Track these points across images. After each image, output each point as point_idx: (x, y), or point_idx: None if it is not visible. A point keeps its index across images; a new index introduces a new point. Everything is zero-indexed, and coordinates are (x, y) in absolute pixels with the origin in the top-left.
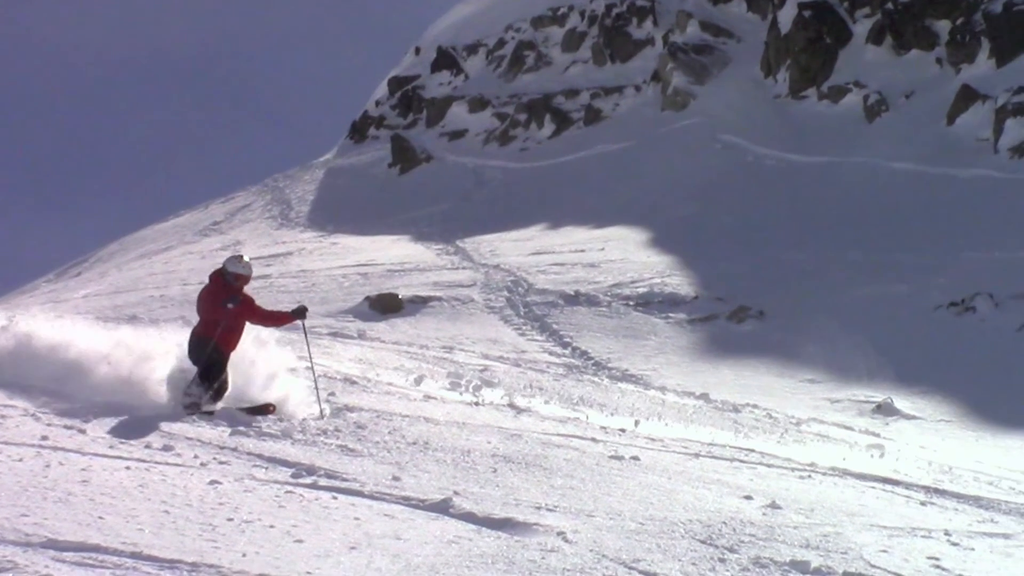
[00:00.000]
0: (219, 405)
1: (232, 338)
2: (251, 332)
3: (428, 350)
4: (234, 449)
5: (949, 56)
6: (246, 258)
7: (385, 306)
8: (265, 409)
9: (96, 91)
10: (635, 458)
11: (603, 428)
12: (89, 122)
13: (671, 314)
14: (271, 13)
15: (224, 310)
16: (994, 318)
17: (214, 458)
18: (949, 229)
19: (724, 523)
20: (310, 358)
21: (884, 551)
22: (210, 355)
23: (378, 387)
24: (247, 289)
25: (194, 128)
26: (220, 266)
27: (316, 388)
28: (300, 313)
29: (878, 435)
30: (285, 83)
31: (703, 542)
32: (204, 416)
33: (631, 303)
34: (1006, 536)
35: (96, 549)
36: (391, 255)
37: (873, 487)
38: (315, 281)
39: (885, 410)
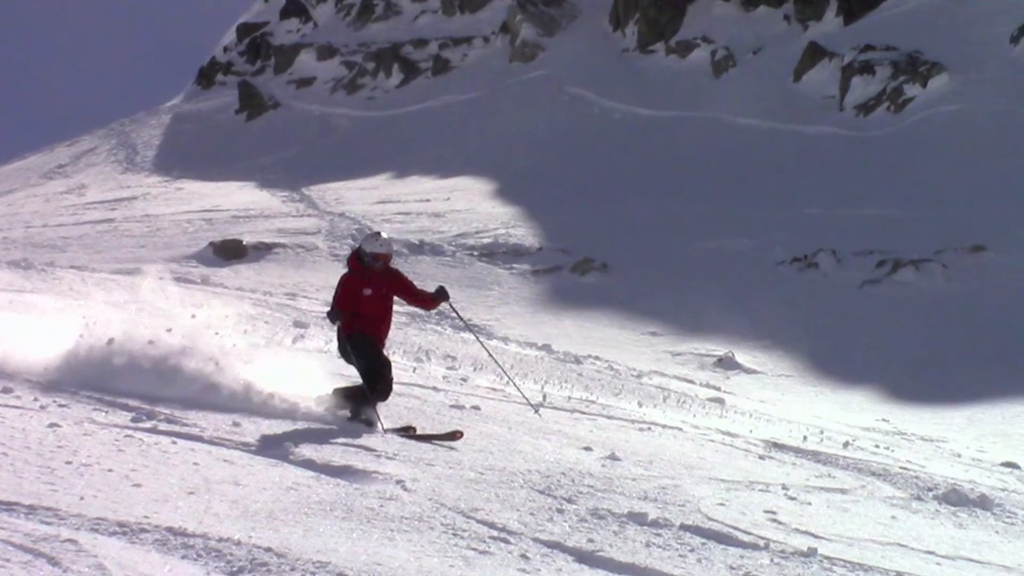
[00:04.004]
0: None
1: (383, 327)
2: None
3: (271, 296)
4: (74, 393)
5: (797, 13)
6: (384, 234)
7: (229, 252)
8: (453, 436)
9: None
10: (476, 408)
11: (444, 378)
12: None
13: (515, 265)
14: None
15: (360, 298)
16: (836, 274)
17: (54, 401)
18: (794, 185)
19: (563, 474)
20: (486, 348)
21: (722, 504)
22: (367, 355)
23: (219, 332)
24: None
25: (39, 69)
26: (356, 247)
27: (515, 384)
28: (442, 295)
29: (719, 388)
30: (132, 26)
31: (542, 492)
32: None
33: (475, 253)
34: (843, 491)
35: None
36: (236, 201)
37: (712, 440)
38: (159, 226)
39: (726, 364)
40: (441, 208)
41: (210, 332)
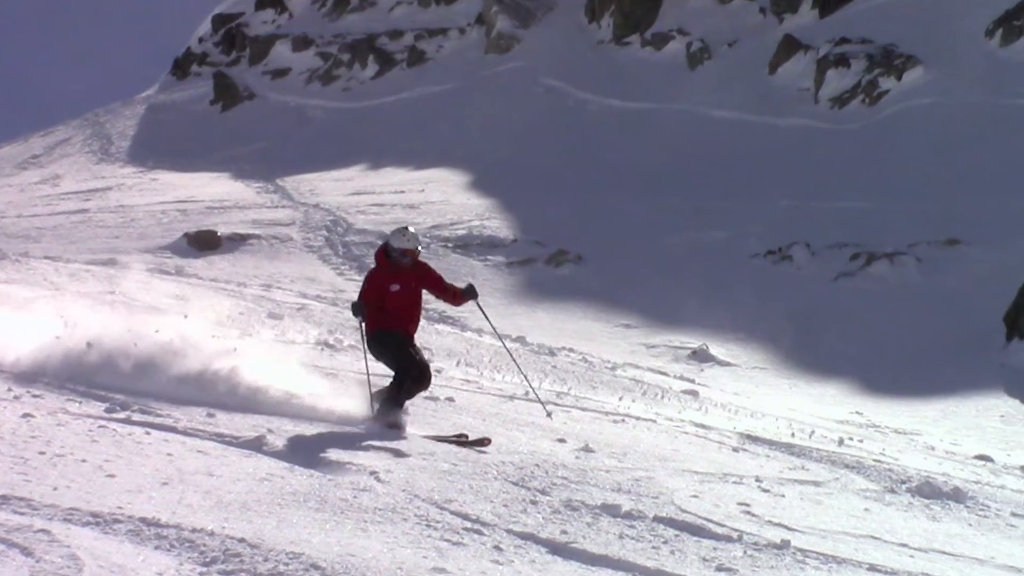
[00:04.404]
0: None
1: (412, 322)
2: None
3: (246, 288)
4: (47, 383)
5: (772, 6)
6: (411, 229)
7: (203, 243)
8: (481, 442)
9: None
10: (450, 399)
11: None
12: None
13: (489, 257)
14: None
15: (387, 293)
16: (810, 267)
17: (27, 391)
18: (768, 178)
19: (537, 465)
20: (505, 346)
21: (695, 496)
22: (395, 351)
23: (194, 323)
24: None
25: (12, 59)
26: (384, 242)
27: (532, 388)
28: (471, 293)
29: (693, 381)
30: (107, 16)
31: (515, 484)
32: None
33: (450, 245)
34: (816, 483)
35: None
36: (211, 192)
37: (686, 432)
38: (134, 217)
39: (700, 356)
40: (415, 200)
41: (207, 334)
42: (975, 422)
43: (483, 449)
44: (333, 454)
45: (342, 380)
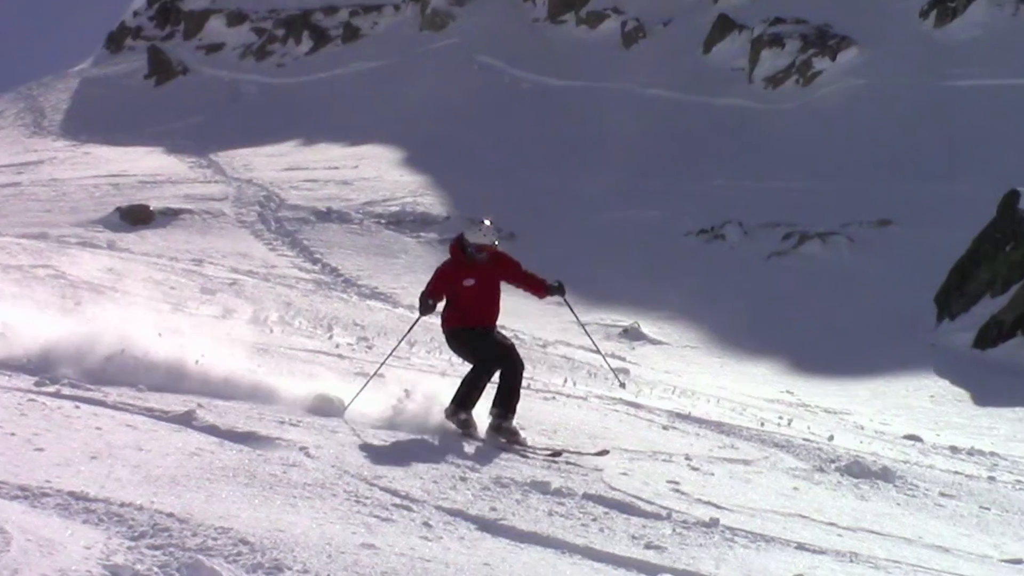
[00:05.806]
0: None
1: (490, 315)
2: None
3: (177, 262)
4: None
5: None
6: (487, 222)
7: (136, 217)
8: (603, 453)
9: None
10: (380, 376)
11: (350, 345)
12: None
13: (422, 233)
14: None
15: (460, 289)
16: (743, 246)
17: None
18: (702, 157)
19: (467, 442)
20: (593, 341)
21: (625, 474)
22: (475, 348)
23: (126, 298)
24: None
25: None
26: (459, 234)
27: (608, 364)
28: (560, 290)
29: (624, 359)
30: None
31: (445, 460)
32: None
33: (383, 221)
34: (746, 462)
35: None
36: (144, 167)
37: (616, 410)
38: (66, 190)
39: (631, 334)
40: (349, 176)
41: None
42: (905, 402)
43: (599, 462)
44: (263, 429)
45: (273, 355)
